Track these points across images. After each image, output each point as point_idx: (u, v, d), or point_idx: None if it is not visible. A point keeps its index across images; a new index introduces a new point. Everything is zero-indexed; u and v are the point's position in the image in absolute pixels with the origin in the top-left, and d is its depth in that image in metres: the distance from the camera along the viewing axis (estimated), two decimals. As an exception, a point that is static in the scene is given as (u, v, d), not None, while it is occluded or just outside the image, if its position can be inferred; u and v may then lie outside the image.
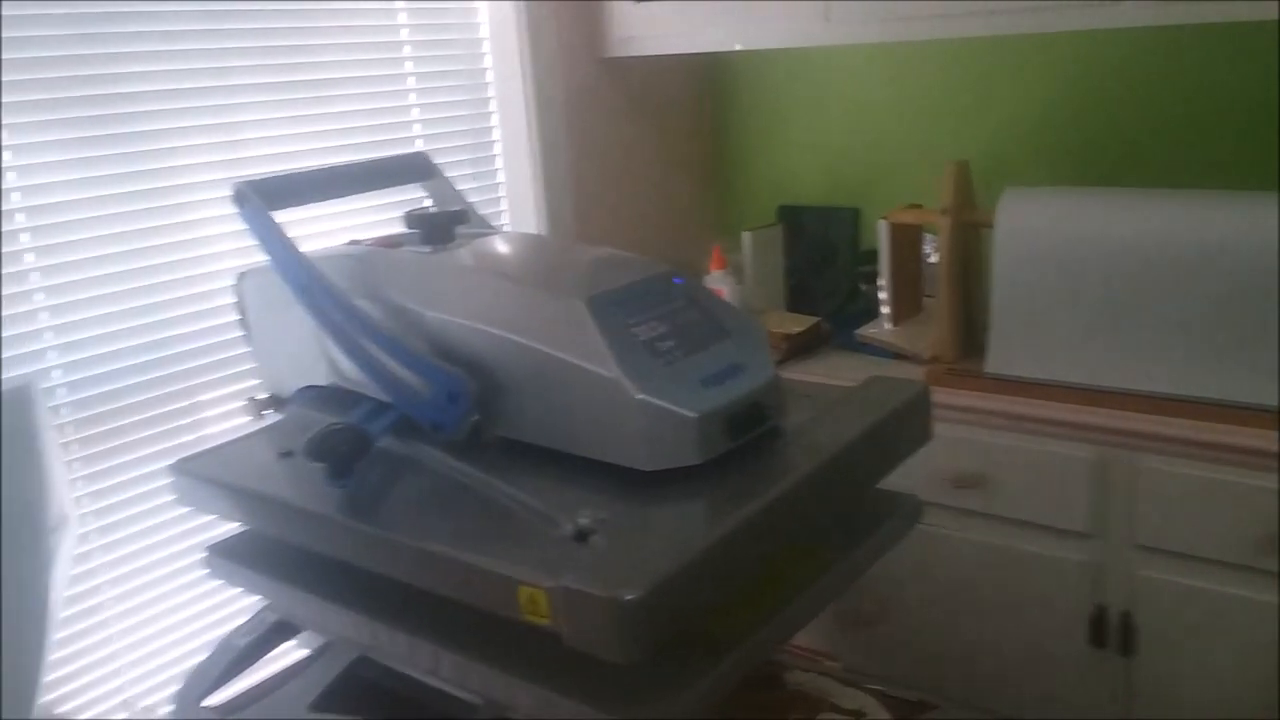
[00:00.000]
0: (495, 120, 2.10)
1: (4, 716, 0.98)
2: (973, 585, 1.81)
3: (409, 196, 1.65)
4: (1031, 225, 1.72)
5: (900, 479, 1.19)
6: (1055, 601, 1.73)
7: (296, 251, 1.17)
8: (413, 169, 1.48)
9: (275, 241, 1.19)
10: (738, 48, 2.02)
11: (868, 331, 2.05)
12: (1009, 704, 1.83)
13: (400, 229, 1.32)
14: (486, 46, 2.07)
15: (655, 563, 0.85)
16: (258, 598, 1.28)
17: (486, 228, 1.41)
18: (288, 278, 1.18)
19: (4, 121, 1.40)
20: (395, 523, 1.02)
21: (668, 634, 0.85)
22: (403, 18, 1.90)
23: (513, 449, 1.09)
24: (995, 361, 1.79)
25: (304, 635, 1.31)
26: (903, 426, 1.17)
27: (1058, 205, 1.72)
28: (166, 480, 1.25)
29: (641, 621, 0.82)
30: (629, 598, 0.81)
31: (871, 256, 2.17)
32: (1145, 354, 1.65)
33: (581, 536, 0.92)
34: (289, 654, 1.38)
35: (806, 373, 1.96)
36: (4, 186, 1.40)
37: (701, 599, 0.89)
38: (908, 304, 2.08)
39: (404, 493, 1.09)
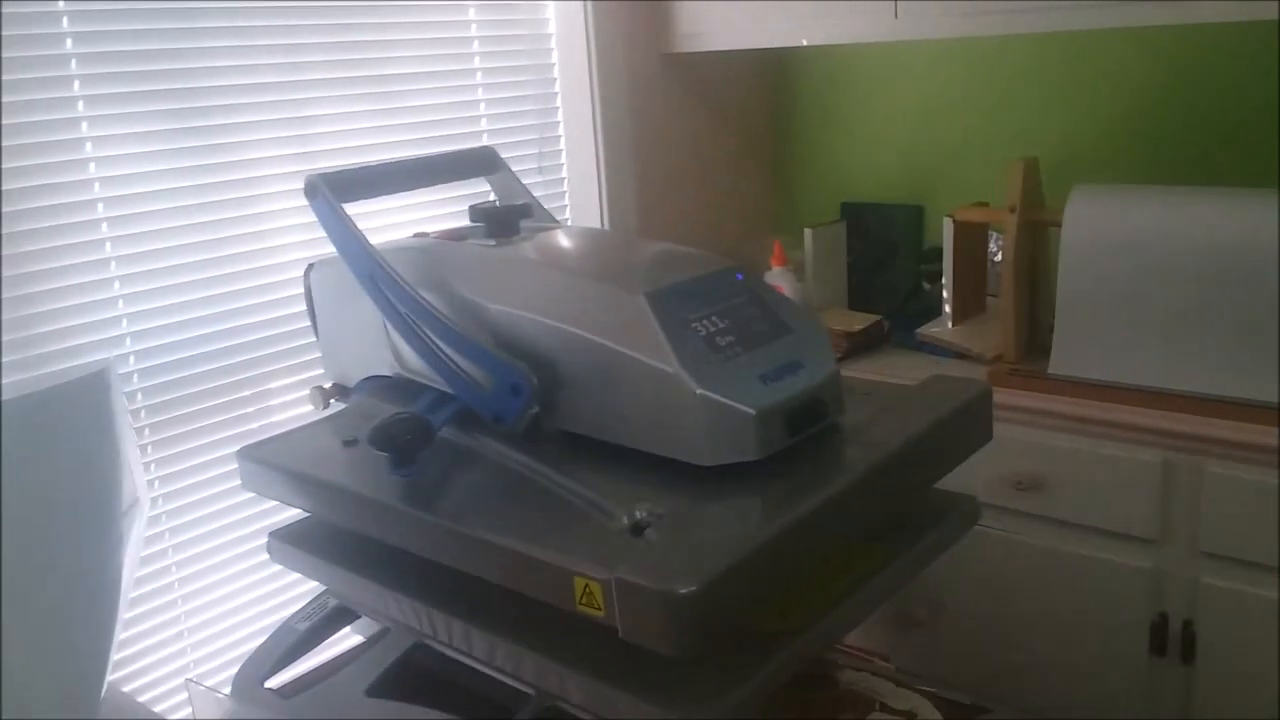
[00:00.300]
0: (560, 116, 2.12)
1: (75, 691, 1.01)
2: (1031, 589, 1.79)
3: (475, 190, 1.67)
4: (1100, 224, 1.69)
5: (959, 479, 1.18)
6: (1116, 608, 1.70)
7: (365, 243, 1.19)
8: (479, 163, 1.50)
9: (344, 233, 1.21)
10: (804, 43, 2.01)
11: (929, 330, 2.03)
12: (1065, 710, 1.81)
13: (465, 222, 1.33)
14: (553, 43, 2.08)
15: (711, 557, 0.85)
16: (318, 583, 1.31)
17: (550, 222, 1.42)
18: (355, 269, 1.20)
19: (86, 114, 1.44)
20: (454, 512, 1.03)
21: (722, 629, 0.85)
22: (472, 14, 1.92)
23: (571, 442, 1.10)
24: (1059, 362, 1.76)
25: (361, 621, 1.33)
26: (963, 426, 1.15)
27: (1128, 204, 1.69)
28: (233, 465, 1.28)
29: (696, 616, 0.82)
30: (683, 591, 0.81)
31: (935, 255, 2.15)
32: (1214, 357, 1.62)
33: (637, 530, 0.92)
34: (347, 639, 1.40)
35: (867, 371, 1.95)
36: (85, 177, 1.45)
37: (756, 595, 0.89)
38: (971, 303, 2.06)
39: (463, 483, 1.10)
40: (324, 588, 1.32)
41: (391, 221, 1.80)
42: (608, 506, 0.97)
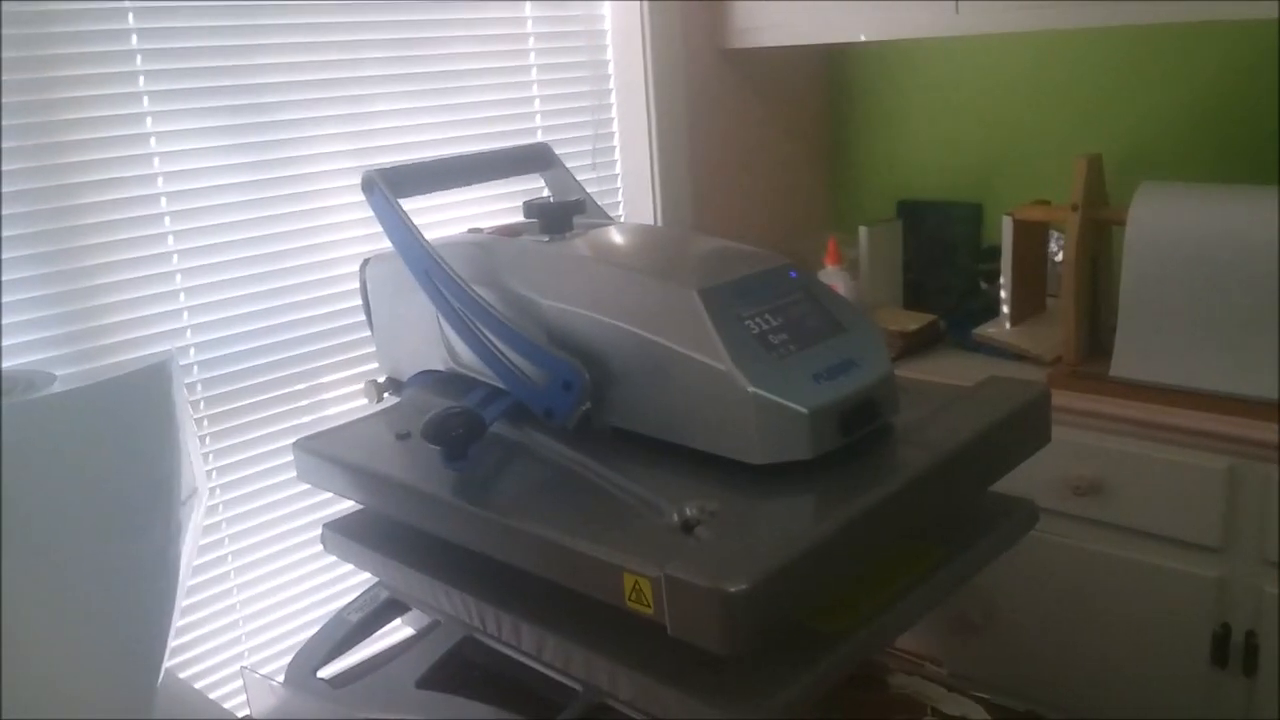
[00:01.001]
0: (615, 112, 2.11)
1: (132, 678, 1.02)
2: (1089, 597, 1.75)
3: (529, 186, 1.67)
4: (1167, 223, 1.66)
5: (1016, 483, 1.15)
6: (1176, 617, 1.66)
7: (421, 238, 1.20)
8: (534, 159, 1.50)
9: (400, 228, 1.22)
10: (862, 39, 1.99)
11: (986, 331, 2.00)
12: (1125, 720, 1.77)
13: (519, 218, 1.34)
14: (609, 39, 2.08)
15: (762, 555, 0.84)
16: (370, 575, 1.32)
17: (604, 218, 1.42)
18: (411, 264, 1.21)
19: (150, 109, 1.46)
20: (505, 506, 1.03)
21: (773, 629, 0.84)
22: (528, 10, 1.92)
23: (623, 438, 1.09)
24: (1122, 365, 1.73)
25: (412, 614, 1.34)
26: (1021, 429, 1.13)
27: (1195, 203, 1.65)
28: (289, 457, 1.30)
29: (746, 614, 0.82)
30: (733, 590, 0.81)
31: (993, 254, 2.11)
32: (1285, 362, 1.57)
33: (688, 527, 0.92)
34: (398, 631, 1.42)
35: (922, 371, 1.92)
36: (149, 171, 1.47)
37: (808, 594, 0.88)
38: (1029, 303, 2.02)
39: (514, 478, 1.10)
40: (376, 579, 1.33)
41: (446, 217, 1.81)
42: (658, 503, 0.96)
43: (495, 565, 1.03)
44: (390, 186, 1.24)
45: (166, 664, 1.07)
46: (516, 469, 1.11)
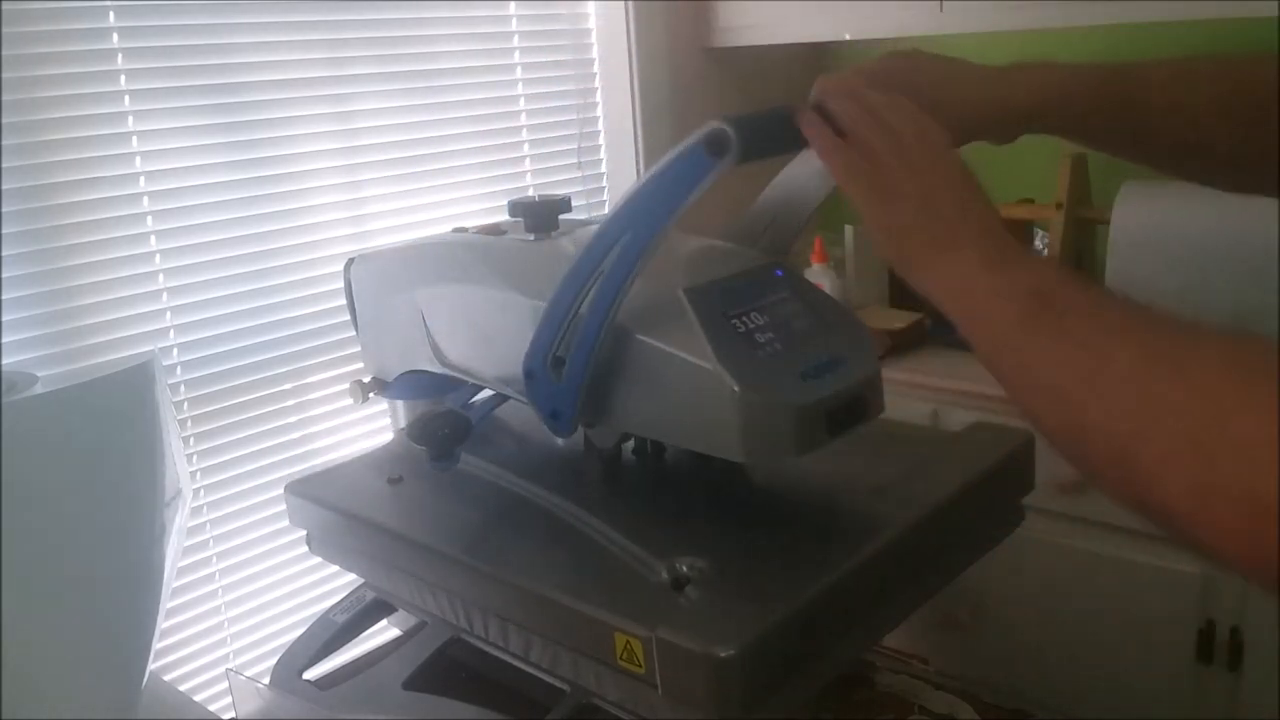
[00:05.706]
0: (600, 111, 2.11)
1: (117, 682, 1.02)
2: (1074, 593, 1.76)
3: (512, 185, 1.67)
4: (1150, 222, 1.66)
5: (1003, 481, 1.16)
6: (1161, 613, 1.67)
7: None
8: None
9: (674, 195, 1.00)
10: (847, 38, 1.99)
11: (972, 329, 2.00)
12: (1108, 717, 1.78)
13: (504, 217, 1.33)
14: (594, 38, 2.08)
15: (752, 618, 0.84)
16: (356, 576, 1.31)
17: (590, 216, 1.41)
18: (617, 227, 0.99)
19: (131, 109, 1.45)
20: (499, 558, 1.03)
21: (766, 689, 0.84)
22: (513, 9, 1.92)
23: (616, 484, 1.09)
24: (1106, 363, 1.73)
25: (399, 615, 1.34)
26: (1005, 477, 1.15)
27: (1179, 202, 1.65)
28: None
29: (736, 678, 0.81)
30: (723, 654, 0.80)
31: (978, 253, 2.12)
32: (1268, 360, 1.58)
33: (678, 585, 0.91)
34: (384, 632, 1.41)
35: (907, 370, 1.93)
36: (131, 171, 1.46)
37: (803, 650, 0.87)
38: (1015, 302, 2.02)
39: (508, 527, 1.10)
40: (362, 580, 1.32)
41: (430, 216, 1.81)
42: (648, 559, 0.96)
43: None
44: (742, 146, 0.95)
45: (151, 667, 1.07)
46: (510, 518, 1.11)
